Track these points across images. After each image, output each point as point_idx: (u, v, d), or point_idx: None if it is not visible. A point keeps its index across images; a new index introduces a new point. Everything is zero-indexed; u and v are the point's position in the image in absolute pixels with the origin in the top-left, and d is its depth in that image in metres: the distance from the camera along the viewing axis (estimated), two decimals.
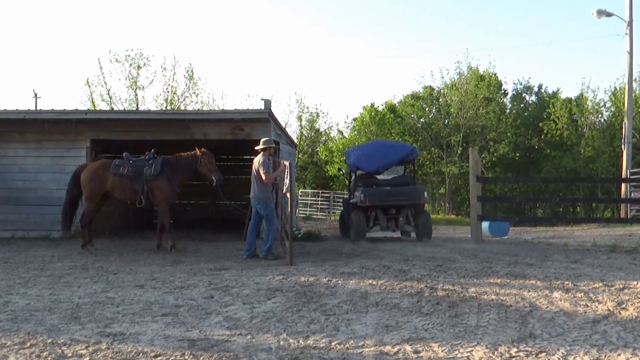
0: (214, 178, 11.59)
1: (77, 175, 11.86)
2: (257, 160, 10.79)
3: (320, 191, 40.58)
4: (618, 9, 25.98)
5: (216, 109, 38.84)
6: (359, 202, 13.34)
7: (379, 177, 14.60)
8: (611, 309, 6.00)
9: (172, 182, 11.56)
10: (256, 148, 11.10)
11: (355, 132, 48.66)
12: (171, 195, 11.62)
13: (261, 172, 10.56)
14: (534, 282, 7.63)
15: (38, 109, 28.86)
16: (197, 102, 42.14)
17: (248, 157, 18.73)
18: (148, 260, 10.34)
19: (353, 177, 15.19)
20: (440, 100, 44.41)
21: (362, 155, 14.49)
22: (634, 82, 30.33)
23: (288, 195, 10.26)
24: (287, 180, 10.32)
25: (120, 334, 5.37)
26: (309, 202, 38.41)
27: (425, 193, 14.14)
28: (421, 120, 45.27)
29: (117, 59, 39.56)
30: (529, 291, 6.97)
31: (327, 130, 52.01)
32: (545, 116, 41.95)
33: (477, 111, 40.69)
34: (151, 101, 41.54)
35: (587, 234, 16.58)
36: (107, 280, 8.19)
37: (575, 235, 16.40)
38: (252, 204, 10.92)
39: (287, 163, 10.36)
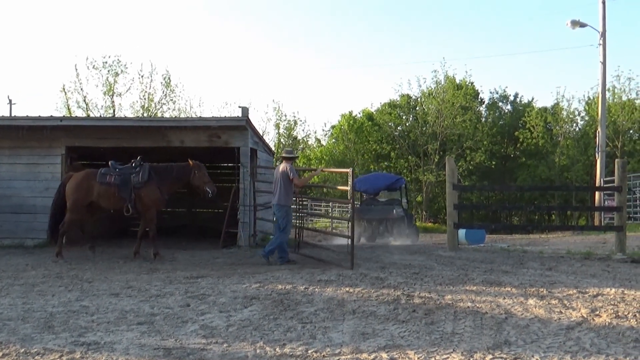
0: (208, 190, 11.62)
1: (64, 185, 11.68)
2: (282, 167, 10.97)
3: (298, 199, 40.47)
4: (592, 20, 26.39)
5: (193, 116, 38.73)
6: None
7: (378, 199, 19.36)
8: (585, 316, 6.06)
9: (160, 189, 11.51)
10: (282, 155, 11.38)
11: (334, 140, 48.79)
12: (159, 202, 11.58)
13: (293, 177, 10.86)
14: (509, 289, 7.69)
15: (12, 115, 28.52)
16: (174, 109, 42.01)
17: (225, 165, 18.68)
18: (123, 269, 10.24)
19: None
20: (418, 108, 44.65)
21: (360, 180, 19.02)
22: (607, 92, 30.75)
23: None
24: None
25: (95, 343, 5.31)
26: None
27: (395, 211, 18.25)
28: (398, 128, 45.48)
29: (94, 66, 39.40)
30: (504, 298, 7.02)
31: (305, 138, 52.03)
32: (520, 125, 42.42)
33: (454, 119, 41.00)
34: (128, 108, 41.43)
35: (562, 242, 16.75)
36: (82, 289, 8.10)
37: (550, 243, 16.56)
38: (274, 209, 11.09)
39: (321, 167, 10.74)
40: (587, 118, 40.47)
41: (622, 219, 11.96)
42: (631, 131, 38.47)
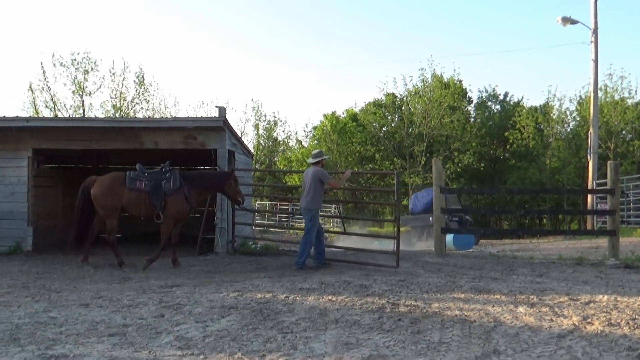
0: (240, 200, 11.82)
1: (87, 191, 11.49)
2: (312, 171, 11.20)
3: (279, 203, 40.53)
4: (583, 17, 26.65)
5: (168, 116, 38.61)
6: None
7: None
8: (576, 324, 6.13)
9: (188, 198, 11.46)
10: (309, 161, 11.65)
11: (316, 142, 48.76)
12: (183, 212, 11.51)
13: (328, 180, 11.24)
14: (498, 296, 7.75)
15: None
16: (147, 109, 41.86)
17: (202, 168, 18.61)
18: (94, 278, 10.18)
19: None
20: (404, 108, 44.75)
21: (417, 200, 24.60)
22: (599, 91, 31.06)
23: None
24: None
25: (64, 356, 5.27)
26: (266, 214, 38.30)
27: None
28: (383, 129, 45.55)
29: (62, 63, 39.13)
30: (493, 306, 7.08)
31: (285, 140, 52.09)
32: (510, 125, 42.62)
33: (441, 120, 41.15)
34: (99, 108, 41.17)
35: (553, 247, 16.91)
36: (50, 299, 8.03)
37: (541, 248, 16.70)
38: (302, 213, 11.37)
39: (352, 170, 11.09)
40: (578, 118, 40.77)
41: (615, 222, 12.08)
42: (624, 132, 38.79)
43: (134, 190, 11.22)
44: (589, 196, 25.74)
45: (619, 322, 6.17)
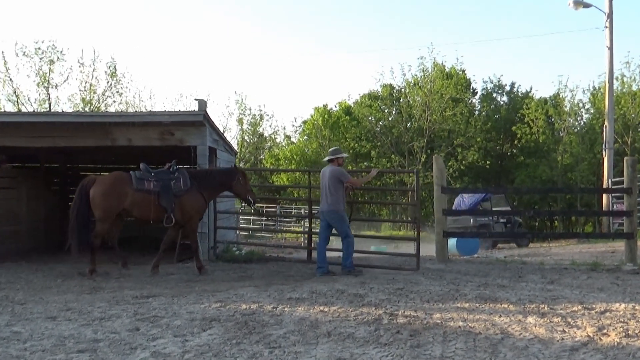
0: (250, 199, 12.00)
1: (86, 191, 11.38)
2: (329, 170, 11.31)
3: (265, 205, 40.51)
4: (597, 0, 26.67)
5: (143, 110, 38.50)
6: None
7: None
8: (591, 335, 6.14)
9: (202, 196, 11.64)
10: (325, 159, 11.83)
11: (306, 138, 48.76)
12: (203, 210, 11.72)
13: (347, 179, 11.38)
14: (506, 306, 7.76)
15: None
16: (120, 103, 41.82)
17: (181, 167, 18.56)
18: (62, 288, 10.13)
19: None
20: (402, 100, 44.83)
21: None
22: (615, 81, 31.16)
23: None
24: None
25: None
26: (251, 218, 38.21)
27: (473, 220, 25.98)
28: (380, 123, 45.61)
29: (25, 52, 38.96)
30: (500, 316, 7.09)
31: (272, 135, 52.09)
32: (518, 119, 42.73)
33: (443, 113, 41.25)
34: (66, 101, 41.12)
35: (566, 251, 16.98)
36: (13, 312, 7.99)
37: (553, 253, 16.77)
38: (325, 217, 11.40)
39: (377, 169, 11.37)
40: (592, 111, 40.92)
41: (632, 224, 12.13)
42: None
43: (141, 190, 11.20)
44: (604, 196, 25.82)
45: (637, 332, 6.20)
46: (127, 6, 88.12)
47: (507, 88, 47.82)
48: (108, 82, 41.11)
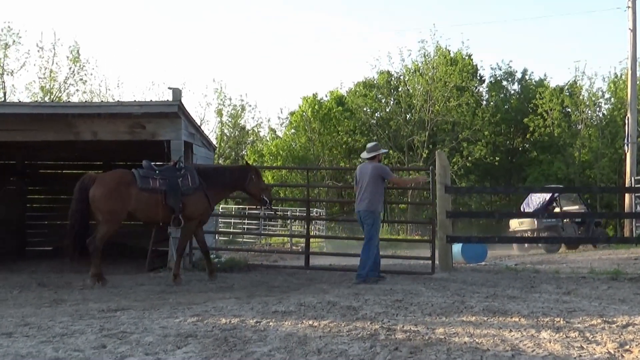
0: (265, 199, 12.04)
1: (85, 190, 11.30)
2: (371, 167, 11.42)
3: (247, 207, 40.44)
4: None
5: (110, 100, 38.39)
6: None
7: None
8: (612, 352, 6.16)
9: (208, 196, 11.65)
10: (363, 156, 11.90)
11: (293, 131, 48.67)
12: (206, 213, 11.77)
13: (391, 177, 11.74)
14: (517, 319, 7.78)
15: None
16: (84, 92, 41.70)
17: (153, 164, 18.51)
18: (19, 300, 10.10)
19: None
20: (400, 89, 44.84)
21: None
22: (638, 67, 31.20)
23: None
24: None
25: None
26: (232, 222, 38.21)
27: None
28: (376, 115, 45.62)
29: None
30: (510, 331, 7.10)
31: (255, 128, 51.97)
32: (530, 110, 42.80)
33: (447, 103, 41.26)
34: (23, 90, 40.96)
35: (584, 258, 17.03)
36: None
37: (569, 260, 16.82)
38: (362, 217, 11.51)
39: (425, 178, 13.25)
40: (613, 100, 41.04)
41: None
42: None
43: (147, 190, 11.22)
44: (627, 195, 25.93)
45: None
46: None
47: (519, 75, 48.02)
48: (70, 69, 41.04)
